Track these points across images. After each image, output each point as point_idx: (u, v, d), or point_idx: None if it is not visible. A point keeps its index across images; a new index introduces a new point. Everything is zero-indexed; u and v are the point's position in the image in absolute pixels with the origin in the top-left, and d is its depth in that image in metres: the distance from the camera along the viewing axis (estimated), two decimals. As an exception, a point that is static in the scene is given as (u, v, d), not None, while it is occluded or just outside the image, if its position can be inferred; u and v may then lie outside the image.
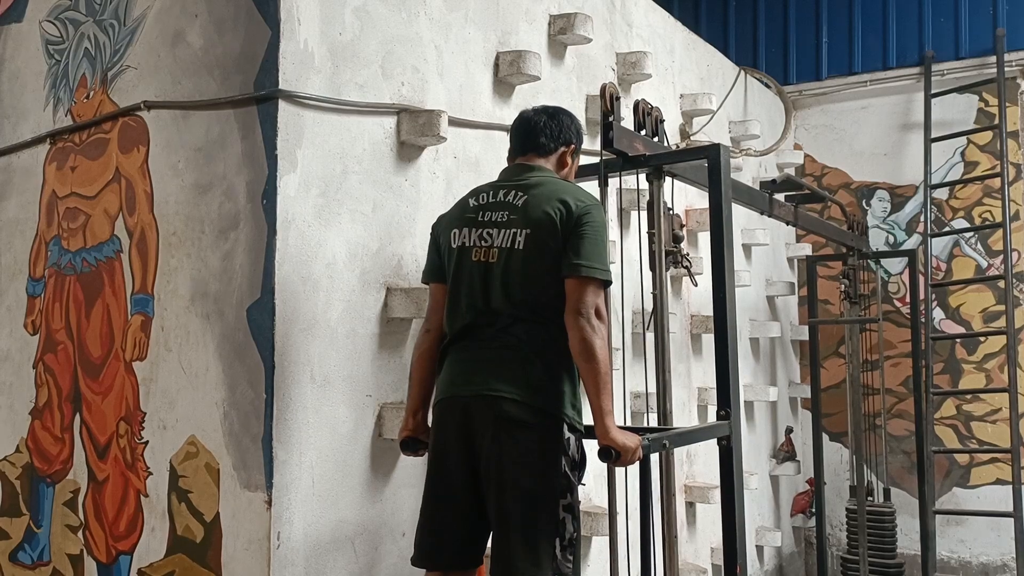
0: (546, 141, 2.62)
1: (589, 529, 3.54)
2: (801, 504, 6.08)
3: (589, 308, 2.34)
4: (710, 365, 4.70)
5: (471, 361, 2.46)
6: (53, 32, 3.41)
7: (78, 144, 3.23)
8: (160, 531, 2.79)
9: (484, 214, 2.50)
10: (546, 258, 2.41)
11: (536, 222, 2.42)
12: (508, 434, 2.37)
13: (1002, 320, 5.68)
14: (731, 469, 2.84)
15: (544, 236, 2.41)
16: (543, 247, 2.40)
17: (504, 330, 2.42)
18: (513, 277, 2.42)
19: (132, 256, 2.97)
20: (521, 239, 2.42)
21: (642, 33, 4.52)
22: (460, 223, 2.54)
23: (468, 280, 2.48)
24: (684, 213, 4.64)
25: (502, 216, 2.47)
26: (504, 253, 2.44)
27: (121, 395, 2.95)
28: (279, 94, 2.60)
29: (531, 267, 2.41)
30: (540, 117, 2.65)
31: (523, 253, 2.42)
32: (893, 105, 6.23)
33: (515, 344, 2.41)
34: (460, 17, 3.30)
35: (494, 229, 2.47)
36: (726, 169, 3.00)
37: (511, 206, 2.48)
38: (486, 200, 2.53)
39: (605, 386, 2.32)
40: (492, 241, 2.46)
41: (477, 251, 2.47)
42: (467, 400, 2.43)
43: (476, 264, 2.47)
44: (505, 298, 2.42)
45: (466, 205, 2.57)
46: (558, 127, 2.64)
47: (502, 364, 2.41)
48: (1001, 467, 5.70)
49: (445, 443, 2.48)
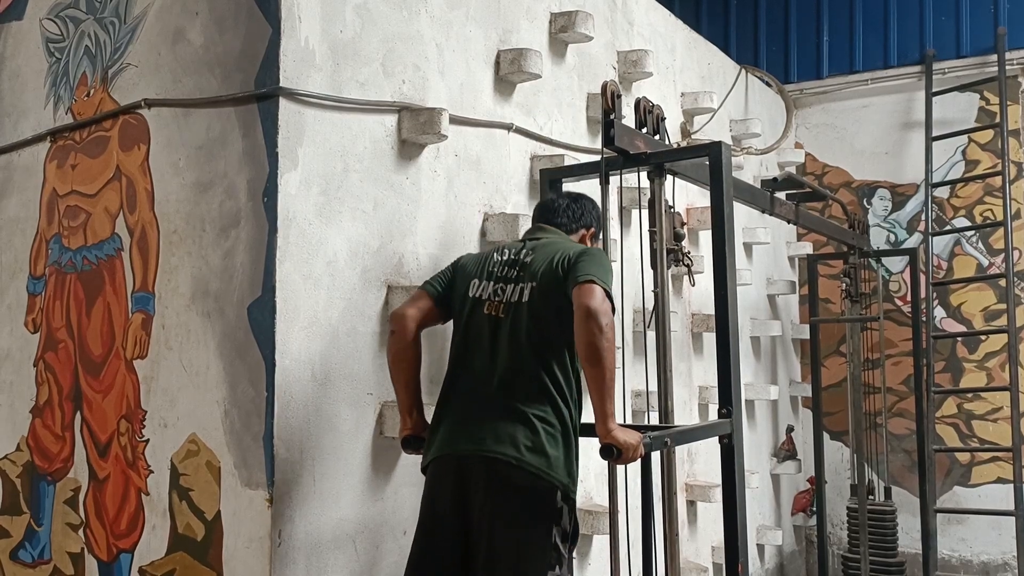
0: (567, 222, 2.76)
1: (590, 528, 3.53)
2: (802, 503, 6.07)
3: (598, 311, 2.32)
4: (711, 364, 4.69)
5: (472, 416, 2.45)
6: (53, 30, 3.41)
7: (79, 142, 3.23)
8: (161, 529, 2.79)
9: (501, 270, 2.58)
10: (549, 309, 2.45)
11: (540, 274, 2.51)
12: (502, 497, 2.36)
13: (1003, 319, 5.68)
14: (732, 467, 2.84)
15: (547, 286, 2.47)
16: (547, 297, 2.46)
17: (508, 387, 2.43)
18: (519, 331, 2.46)
19: (133, 254, 2.97)
20: (527, 292, 2.50)
21: (643, 31, 4.52)
22: (481, 275, 2.60)
23: (477, 332, 2.52)
24: (685, 211, 4.64)
25: (513, 273, 2.56)
26: (512, 307, 2.50)
27: (122, 393, 2.95)
28: (280, 92, 2.60)
29: (536, 319, 2.46)
30: (563, 200, 2.81)
31: (528, 305, 2.48)
32: (894, 104, 6.23)
33: (517, 403, 2.41)
34: (461, 15, 3.29)
35: (507, 285, 2.54)
36: (727, 167, 3.00)
37: (521, 263, 2.57)
38: (507, 257, 2.62)
39: (609, 391, 2.33)
40: (503, 297, 2.53)
41: (489, 305, 2.54)
42: (463, 458, 2.42)
43: (487, 317, 2.52)
44: (511, 353, 2.45)
45: (491, 258, 2.64)
46: (580, 210, 2.78)
47: (502, 423, 2.39)
48: (1002, 466, 5.70)
49: (437, 499, 2.47)
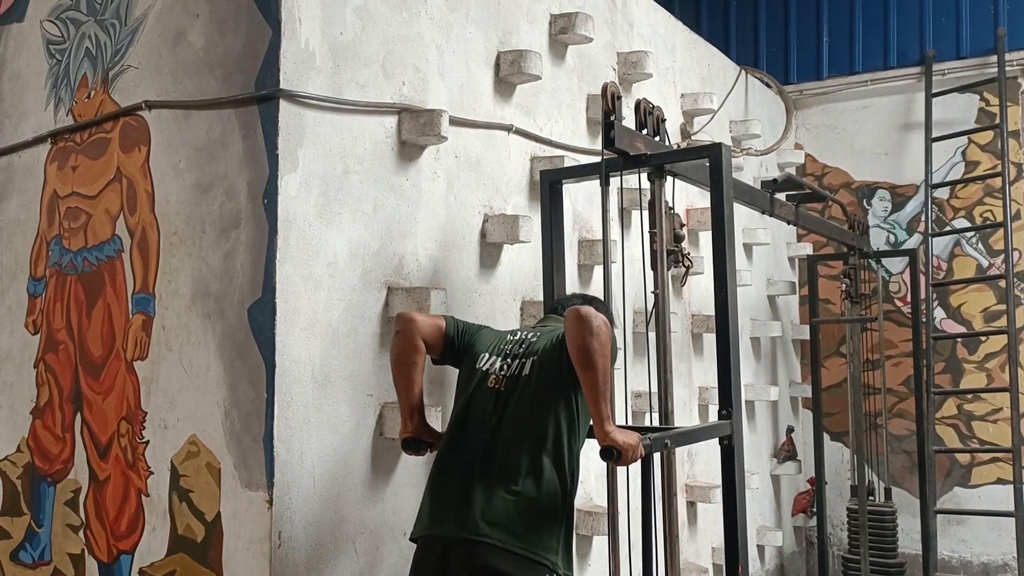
0: None
1: (590, 529, 3.54)
2: (802, 504, 6.07)
3: (589, 315, 2.33)
4: (711, 365, 4.69)
5: (461, 493, 2.41)
6: (54, 32, 3.41)
7: (79, 144, 3.23)
8: (161, 530, 2.79)
9: (511, 348, 2.64)
10: (548, 383, 2.49)
11: (541, 350, 2.57)
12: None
13: (1003, 319, 5.68)
14: (733, 468, 2.84)
15: (545, 362, 2.52)
16: (544, 372, 2.50)
17: (501, 463, 2.42)
18: (519, 404, 2.49)
19: (133, 255, 2.97)
20: (528, 366, 2.55)
21: (643, 33, 4.52)
22: (493, 350, 2.65)
23: (478, 404, 2.54)
24: (685, 212, 4.64)
25: (520, 350, 2.62)
26: (513, 381, 2.54)
27: (122, 394, 2.95)
28: (280, 94, 2.60)
29: (536, 393, 2.49)
30: (576, 298, 2.91)
31: (527, 379, 2.52)
32: (894, 105, 6.23)
33: (508, 481, 2.39)
34: (461, 17, 3.30)
35: (513, 361, 2.60)
36: (727, 168, 3.00)
37: (528, 342, 2.64)
38: (517, 337, 2.68)
39: (603, 395, 2.33)
40: (507, 371, 2.57)
41: (495, 379, 2.57)
42: (447, 542, 2.39)
43: (489, 391, 2.55)
44: (507, 427, 2.47)
45: (504, 337, 2.72)
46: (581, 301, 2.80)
47: (491, 501, 2.37)
48: (1002, 467, 5.70)
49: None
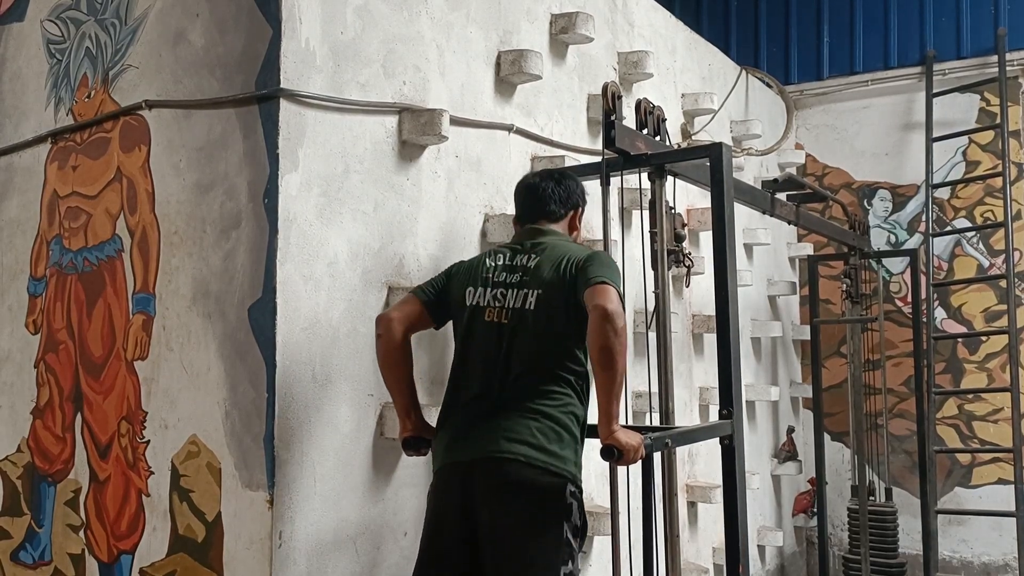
0: (555, 207, 2.71)
1: (591, 529, 3.53)
2: (803, 504, 6.07)
3: (614, 314, 2.30)
4: (711, 365, 4.69)
5: (477, 422, 2.44)
6: (54, 31, 3.41)
7: (79, 143, 3.23)
8: (161, 531, 2.79)
9: (499, 275, 2.56)
10: (557, 316, 2.45)
11: (546, 282, 2.48)
12: (508, 498, 2.36)
13: (1004, 319, 5.67)
14: (733, 468, 2.83)
15: (554, 294, 2.46)
16: (554, 306, 2.45)
17: (514, 389, 2.43)
18: (525, 337, 2.46)
19: (133, 255, 2.97)
20: (532, 300, 2.48)
21: (644, 32, 4.52)
22: (476, 282, 2.58)
23: (480, 340, 2.51)
24: (686, 212, 4.64)
25: (515, 278, 2.53)
26: (516, 314, 2.49)
27: (122, 394, 2.95)
28: (280, 93, 2.60)
29: (542, 327, 2.46)
30: (547, 184, 2.73)
31: (534, 314, 2.47)
32: (894, 104, 6.23)
33: (522, 402, 2.41)
34: (462, 16, 3.30)
35: (508, 290, 2.52)
36: (728, 168, 3.00)
37: (524, 268, 2.54)
38: (502, 262, 2.59)
39: (617, 395, 2.33)
40: (505, 302, 2.51)
41: (491, 312, 2.52)
42: (468, 464, 2.42)
43: (488, 324, 2.51)
44: (516, 358, 2.45)
45: (483, 264, 2.62)
46: (566, 193, 2.73)
47: (507, 422, 2.40)
48: (1003, 467, 5.70)
49: (443, 506, 2.47)
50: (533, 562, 2.33)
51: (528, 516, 2.35)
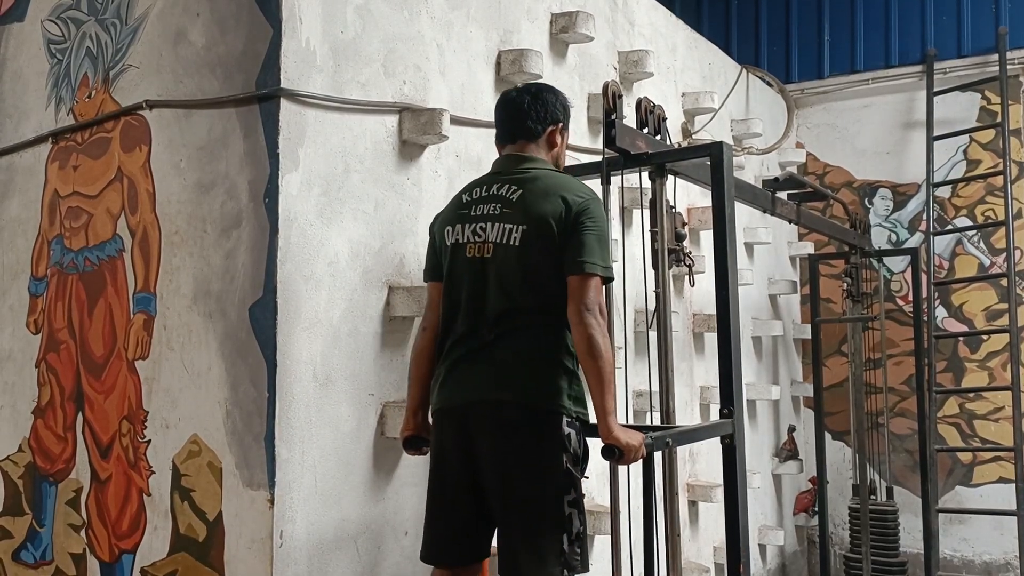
0: (533, 124, 2.57)
1: (592, 528, 3.53)
2: (804, 503, 6.07)
3: (593, 305, 2.32)
4: (712, 364, 4.68)
5: (467, 365, 2.45)
6: (55, 31, 3.41)
7: (80, 143, 3.23)
8: (163, 530, 2.79)
9: (477, 208, 2.48)
10: (543, 254, 2.38)
11: (533, 219, 2.39)
12: (505, 438, 2.37)
13: (1005, 318, 5.67)
14: (734, 467, 2.83)
15: (541, 233, 2.38)
16: (539, 243, 2.38)
17: (500, 327, 2.41)
18: (509, 273, 2.40)
19: (134, 255, 2.97)
20: (517, 235, 2.40)
21: (644, 31, 4.52)
22: (454, 219, 2.52)
23: (461, 277, 2.47)
24: (686, 211, 4.64)
25: (495, 209, 2.44)
26: (500, 249, 2.41)
27: (123, 394, 2.95)
28: (281, 93, 2.60)
29: (527, 262, 2.39)
30: (523, 98, 2.58)
31: (518, 249, 2.39)
32: (895, 103, 6.22)
33: (511, 341, 2.40)
34: (462, 16, 3.29)
35: (487, 223, 2.44)
36: (729, 167, 3.00)
37: (504, 199, 2.45)
38: (479, 195, 2.51)
39: (609, 385, 2.32)
40: (485, 236, 2.43)
41: (471, 247, 2.45)
42: (463, 407, 2.43)
43: (470, 260, 2.45)
44: (500, 294, 2.41)
45: (460, 201, 2.55)
46: (543, 107, 2.58)
47: (498, 364, 2.40)
48: (1004, 466, 5.69)
49: (444, 450, 2.48)
50: (534, 497, 2.34)
51: (524, 452, 2.36)
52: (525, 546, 2.34)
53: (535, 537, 2.34)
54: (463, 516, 2.46)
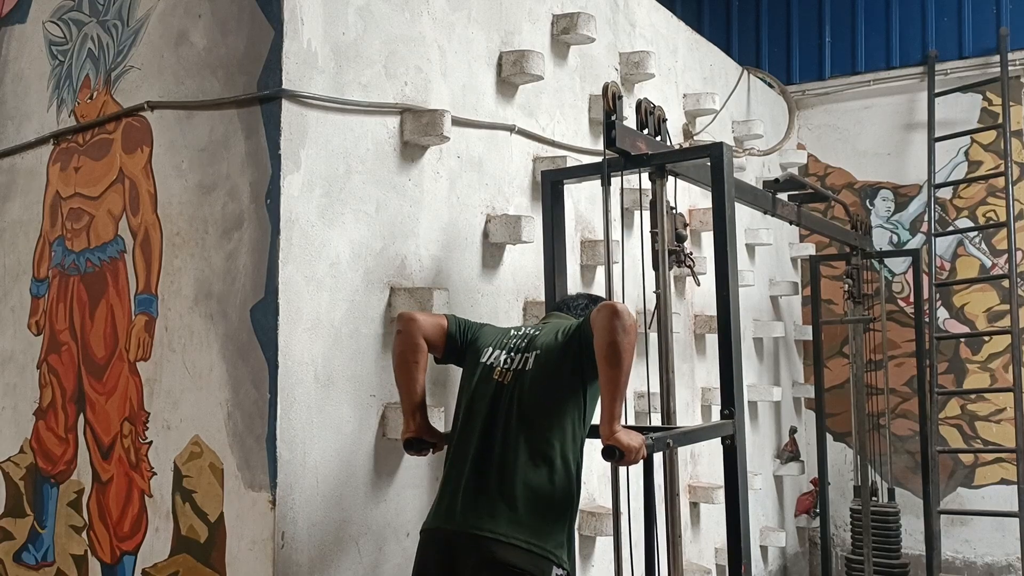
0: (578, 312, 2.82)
1: (593, 529, 3.53)
2: (805, 504, 6.07)
3: (623, 312, 2.33)
4: (713, 365, 4.68)
5: (467, 488, 2.43)
6: (56, 33, 3.42)
7: (82, 145, 3.23)
8: (164, 531, 2.79)
9: (515, 342, 2.65)
10: (553, 376, 2.50)
11: (543, 344, 2.58)
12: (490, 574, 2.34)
13: (1006, 319, 5.67)
14: (735, 469, 2.83)
15: (550, 354, 2.53)
16: (549, 364, 2.51)
17: (505, 454, 2.43)
18: (522, 397, 2.49)
19: (136, 256, 2.97)
20: (531, 360, 2.56)
21: (645, 33, 4.52)
22: (496, 344, 2.66)
23: (481, 397, 2.55)
24: (687, 213, 4.64)
25: (522, 343, 2.63)
26: (516, 375, 2.54)
27: (125, 395, 2.96)
28: (282, 94, 2.60)
29: (538, 385, 2.50)
30: (582, 299, 2.93)
31: (532, 372, 2.53)
32: (896, 105, 6.23)
33: (516, 468, 2.41)
34: (463, 17, 3.30)
35: (515, 354, 2.60)
36: (729, 168, 3.00)
37: (531, 336, 2.65)
38: (521, 332, 2.70)
39: (620, 394, 2.34)
40: (511, 365, 2.58)
41: (499, 372, 2.58)
42: (450, 536, 2.41)
43: (494, 384, 2.56)
44: (511, 420, 2.47)
45: (508, 332, 2.72)
46: (587, 301, 2.88)
47: (497, 493, 2.39)
48: (1006, 467, 5.69)
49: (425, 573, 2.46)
50: None
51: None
52: None
53: None
54: None
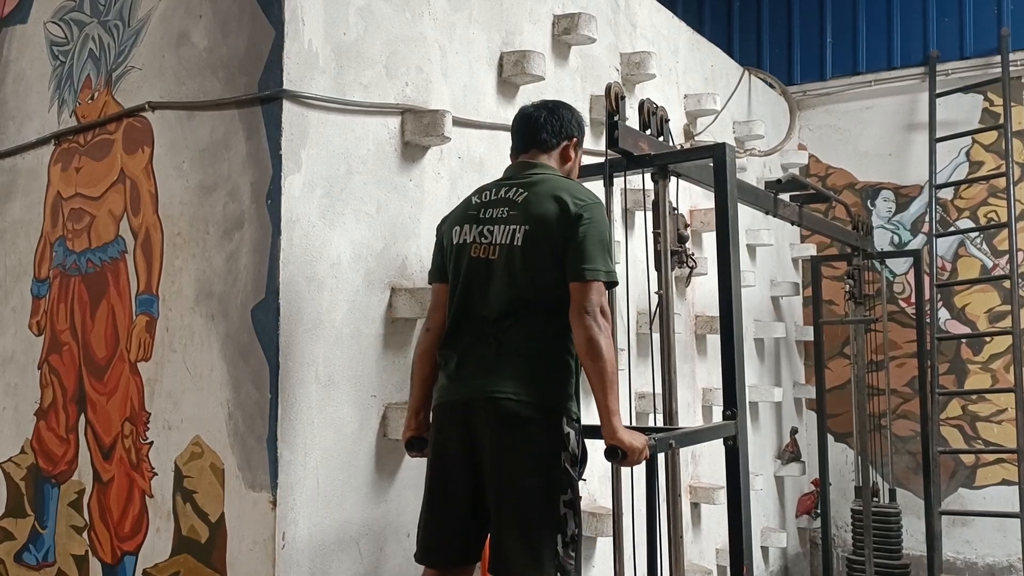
0: (547, 137, 2.61)
1: (594, 530, 3.53)
2: (806, 505, 6.06)
3: (594, 307, 2.33)
4: (714, 366, 4.68)
5: (470, 361, 2.45)
6: (58, 33, 3.42)
7: (83, 145, 3.23)
8: (165, 532, 2.79)
9: (485, 211, 2.51)
10: (544, 254, 2.40)
11: (535, 219, 2.42)
12: (507, 433, 2.37)
13: (1007, 320, 5.66)
14: (737, 469, 2.83)
15: (542, 233, 2.41)
16: (541, 243, 2.40)
17: (503, 326, 2.42)
18: (513, 273, 2.42)
19: (137, 257, 2.97)
20: (520, 235, 2.43)
21: (646, 33, 4.52)
22: (462, 220, 2.54)
23: (468, 277, 2.49)
24: (689, 213, 4.64)
25: (502, 212, 2.47)
26: (504, 250, 2.44)
27: (126, 396, 2.95)
28: (283, 94, 2.60)
29: (530, 263, 2.41)
30: (540, 112, 2.64)
31: (522, 249, 2.42)
32: (898, 105, 6.22)
33: (514, 340, 2.41)
34: (464, 17, 3.29)
35: (494, 226, 2.47)
36: (731, 168, 3.00)
37: (511, 202, 2.48)
38: (488, 197, 2.54)
39: (612, 386, 2.32)
40: (492, 238, 2.46)
41: (477, 247, 2.48)
42: (465, 402, 2.43)
43: (476, 260, 2.47)
44: (504, 294, 2.43)
45: (469, 203, 2.58)
46: (559, 122, 2.63)
47: (501, 361, 2.40)
48: (1007, 467, 5.68)
49: (444, 444, 2.48)
50: (531, 492, 2.34)
51: (524, 448, 2.36)
52: (519, 544, 2.33)
53: (529, 535, 2.33)
54: (458, 515, 2.46)
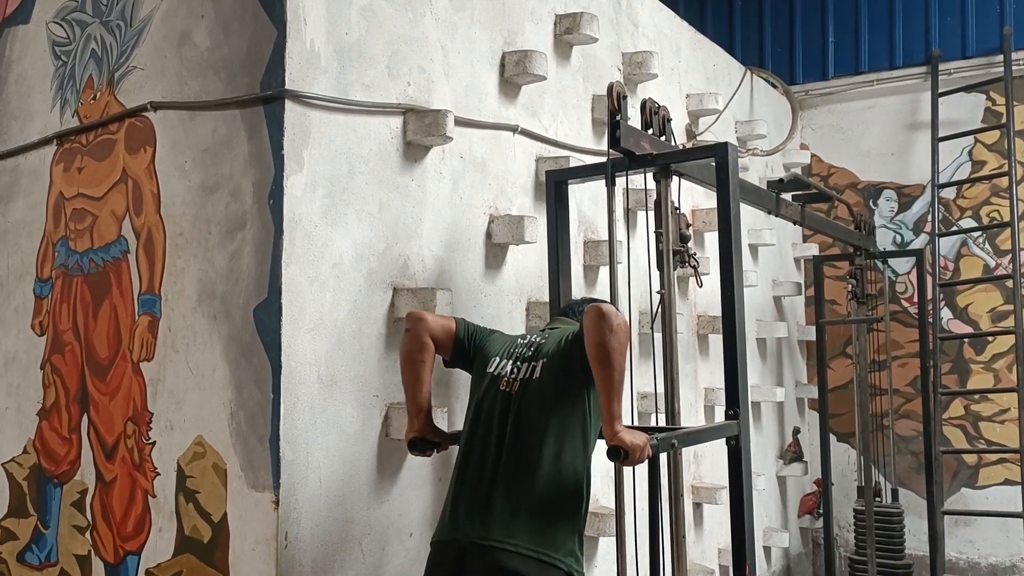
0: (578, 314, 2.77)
1: (596, 530, 3.53)
2: (808, 505, 6.06)
3: (609, 312, 2.33)
4: (716, 366, 4.69)
5: (477, 499, 2.42)
6: (60, 33, 3.42)
7: (85, 145, 3.24)
8: (168, 531, 2.79)
9: (522, 351, 2.64)
10: (558, 383, 2.49)
11: (549, 352, 2.57)
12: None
13: (1010, 320, 5.66)
14: (739, 469, 2.83)
15: (556, 361, 2.52)
16: (554, 372, 2.50)
17: (515, 464, 2.43)
18: (531, 406, 2.48)
19: (139, 257, 2.97)
20: (538, 369, 2.54)
21: (648, 33, 4.51)
22: (503, 354, 2.65)
23: (490, 408, 2.54)
24: (691, 213, 4.64)
25: (530, 353, 2.62)
26: (523, 384, 2.54)
27: (128, 396, 2.96)
28: (285, 94, 2.60)
29: (545, 394, 2.49)
30: (584, 302, 2.89)
31: (538, 382, 2.52)
32: (900, 105, 6.22)
33: (523, 482, 2.40)
34: (466, 17, 3.29)
35: (523, 364, 2.59)
36: (734, 168, 3.00)
37: (536, 344, 2.64)
38: (527, 340, 2.69)
39: (617, 395, 2.33)
40: (518, 374, 2.57)
41: (505, 382, 2.57)
42: (462, 546, 2.39)
43: (501, 393, 2.55)
44: (520, 429, 2.46)
45: (515, 341, 2.71)
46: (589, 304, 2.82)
47: (506, 506, 2.38)
48: (1010, 467, 5.68)
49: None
50: None
51: None
52: None
53: None
54: None
